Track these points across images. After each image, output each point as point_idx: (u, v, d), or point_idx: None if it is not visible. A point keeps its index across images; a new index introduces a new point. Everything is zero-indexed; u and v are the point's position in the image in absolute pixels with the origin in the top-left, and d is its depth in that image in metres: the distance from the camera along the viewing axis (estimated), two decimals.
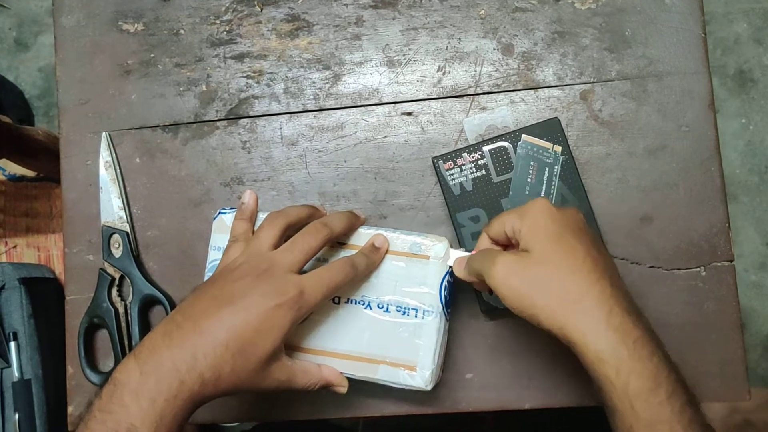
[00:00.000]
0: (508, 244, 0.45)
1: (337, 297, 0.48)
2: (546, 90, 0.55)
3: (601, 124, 0.54)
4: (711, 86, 0.53)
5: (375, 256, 0.48)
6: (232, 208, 0.52)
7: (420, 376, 0.47)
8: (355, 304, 0.48)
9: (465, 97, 0.55)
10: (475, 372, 0.53)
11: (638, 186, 0.53)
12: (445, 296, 0.48)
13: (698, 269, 0.52)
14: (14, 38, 1.34)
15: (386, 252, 0.48)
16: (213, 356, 0.39)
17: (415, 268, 0.48)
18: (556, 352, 0.52)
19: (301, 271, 0.44)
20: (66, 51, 0.60)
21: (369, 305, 0.48)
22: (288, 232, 0.46)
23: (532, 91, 0.55)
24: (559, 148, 0.52)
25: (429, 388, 0.47)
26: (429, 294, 0.48)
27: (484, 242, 0.46)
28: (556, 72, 0.55)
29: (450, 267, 0.48)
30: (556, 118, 0.52)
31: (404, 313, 0.48)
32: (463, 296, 0.53)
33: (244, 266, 0.43)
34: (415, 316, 0.47)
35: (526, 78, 0.55)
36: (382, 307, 0.48)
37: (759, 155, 1.16)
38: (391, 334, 0.47)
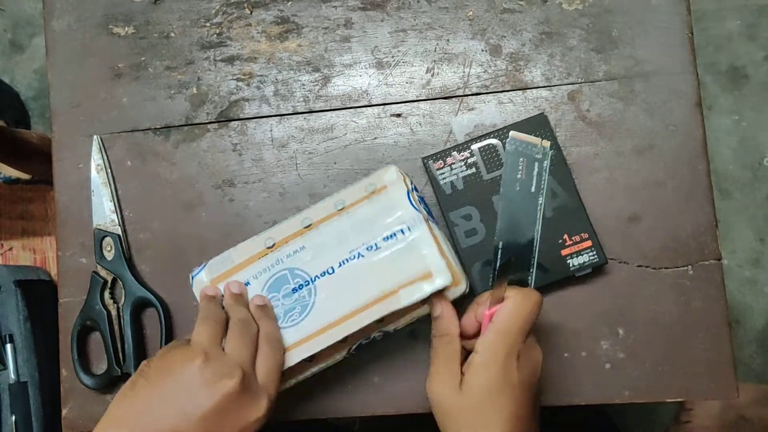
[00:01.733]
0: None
1: (331, 267, 0.48)
2: (534, 91, 0.55)
3: (588, 124, 0.54)
4: (698, 85, 0.54)
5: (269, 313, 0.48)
6: (202, 265, 0.51)
7: (439, 277, 0.46)
8: (348, 262, 0.48)
9: (454, 99, 0.56)
10: None
11: (626, 185, 0.53)
12: (420, 198, 0.49)
13: (686, 268, 0.52)
14: (9, 40, 1.34)
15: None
16: None
17: (380, 202, 0.48)
18: (547, 351, 0.53)
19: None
20: (57, 54, 0.60)
21: (359, 255, 0.48)
22: None
23: (520, 92, 0.55)
24: (547, 143, 0.52)
25: (451, 282, 0.46)
26: (403, 212, 0.48)
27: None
28: (544, 73, 0.55)
29: (408, 187, 0.48)
30: (543, 113, 0.53)
31: (391, 237, 0.47)
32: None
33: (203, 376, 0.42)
34: (403, 234, 0.47)
35: (514, 79, 0.55)
36: (371, 248, 0.48)
37: (751, 151, 1.17)
38: (392, 264, 0.47)
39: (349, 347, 0.49)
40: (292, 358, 0.47)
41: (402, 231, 0.47)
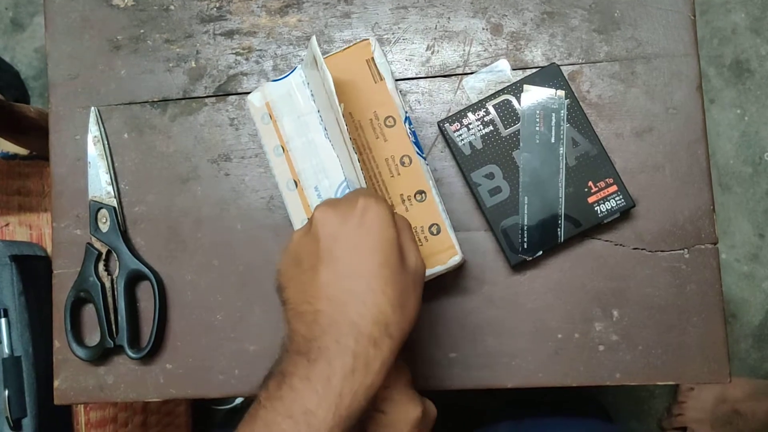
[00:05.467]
0: None
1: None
2: (535, 70, 0.54)
3: (588, 105, 0.54)
4: (699, 69, 0.53)
5: None
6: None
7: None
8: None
9: (453, 77, 0.55)
10: (458, 351, 0.53)
11: (624, 168, 0.53)
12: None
13: (682, 251, 0.52)
14: (10, 18, 1.34)
15: None
16: (369, 310, 0.37)
17: None
18: (540, 331, 0.53)
19: None
20: (55, 26, 0.60)
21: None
22: None
23: (520, 72, 0.55)
24: (562, 93, 0.52)
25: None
26: None
27: None
28: (545, 53, 0.55)
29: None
30: (554, 63, 0.52)
31: None
32: (448, 278, 0.53)
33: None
34: None
35: (514, 58, 0.55)
36: None
37: (753, 146, 1.16)
38: None
39: None
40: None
41: None
